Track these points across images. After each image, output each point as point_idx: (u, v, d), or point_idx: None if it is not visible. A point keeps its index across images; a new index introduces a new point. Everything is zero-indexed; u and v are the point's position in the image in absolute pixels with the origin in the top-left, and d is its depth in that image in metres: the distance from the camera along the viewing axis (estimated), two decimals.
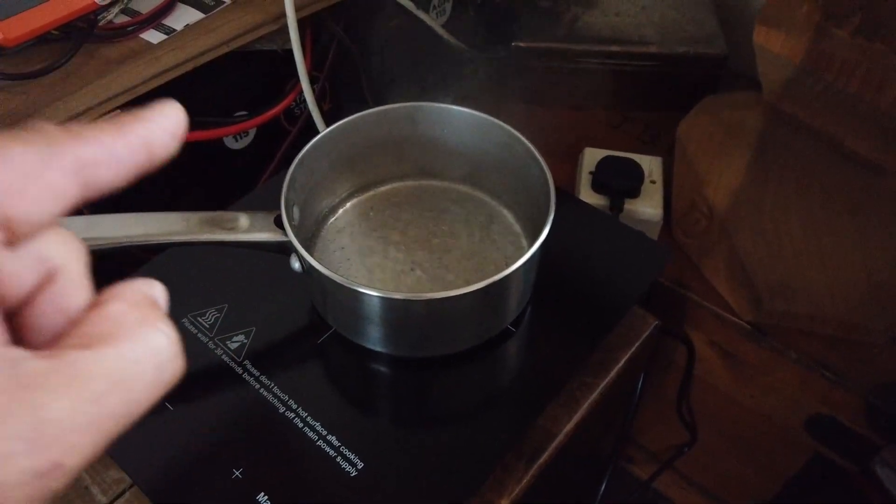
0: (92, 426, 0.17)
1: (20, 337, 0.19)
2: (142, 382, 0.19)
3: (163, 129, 0.21)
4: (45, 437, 0.16)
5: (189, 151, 0.71)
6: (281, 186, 0.49)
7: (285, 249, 0.49)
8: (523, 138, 0.54)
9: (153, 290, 0.21)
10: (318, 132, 0.55)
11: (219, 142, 0.76)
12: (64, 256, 0.20)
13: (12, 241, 0.19)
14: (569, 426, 0.51)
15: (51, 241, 0.20)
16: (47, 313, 0.20)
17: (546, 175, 0.51)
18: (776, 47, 0.63)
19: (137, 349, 0.19)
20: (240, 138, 0.78)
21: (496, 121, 0.56)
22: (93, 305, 0.20)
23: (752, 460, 0.83)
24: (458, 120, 0.58)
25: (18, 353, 0.17)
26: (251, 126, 0.74)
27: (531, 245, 0.48)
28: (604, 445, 0.77)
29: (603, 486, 0.81)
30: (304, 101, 0.75)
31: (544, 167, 0.52)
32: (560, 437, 0.51)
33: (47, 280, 0.20)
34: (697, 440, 0.86)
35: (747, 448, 0.82)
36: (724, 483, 0.91)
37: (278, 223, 0.48)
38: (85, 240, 0.46)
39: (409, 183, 0.63)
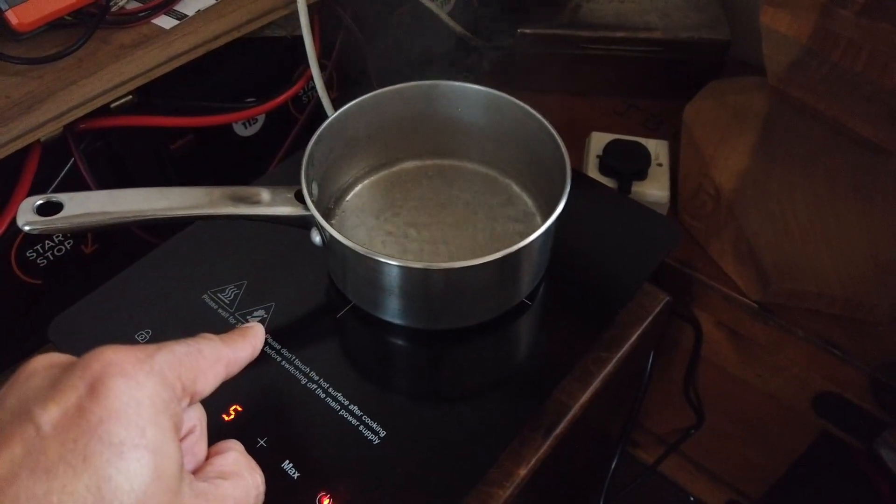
0: None
1: None
2: (249, 501, 0.31)
3: (261, 342, 0.36)
4: None
5: (198, 138, 0.72)
6: (297, 167, 0.50)
7: (306, 223, 0.49)
8: (538, 115, 0.55)
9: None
10: (326, 119, 0.55)
11: (228, 128, 0.76)
12: (201, 418, 0.32)
13: (189, 404, 0.30)
14: (583, 399, 0.52)
15: (195, 408, 0.32)
16: (187, 455, 0.31)
17: (561, 150, 0.52)
18: (782, 27, 0.64)
19: (249, 482, 0.31)
20: (249, 125, 0.78)
21: (511, 98, 0.57)
22: (218, 451, 0.32)
23: (759, 442, 0.84)
24: (473, 98, 0.58)
25: (190, 475, 0.29)
26: (261, 112, 0.74)
27: (546, 221, 0.48)
28: (613, 427, 0.77)
29: (611, 470, 0.82)
30: (313, 88, 0.76)
31: (559, 143, 0.52)
32: (575, 410, 0.51)
33: (190, 431, 0.31)
34: (704, 422, 0.86)
35: (753, 429, 0.83)
36: (729, 465, 0.92)
37: (299, 198, 0.49)
38: (110, 213, 0.47)
39: (425, 161, 0.63)
